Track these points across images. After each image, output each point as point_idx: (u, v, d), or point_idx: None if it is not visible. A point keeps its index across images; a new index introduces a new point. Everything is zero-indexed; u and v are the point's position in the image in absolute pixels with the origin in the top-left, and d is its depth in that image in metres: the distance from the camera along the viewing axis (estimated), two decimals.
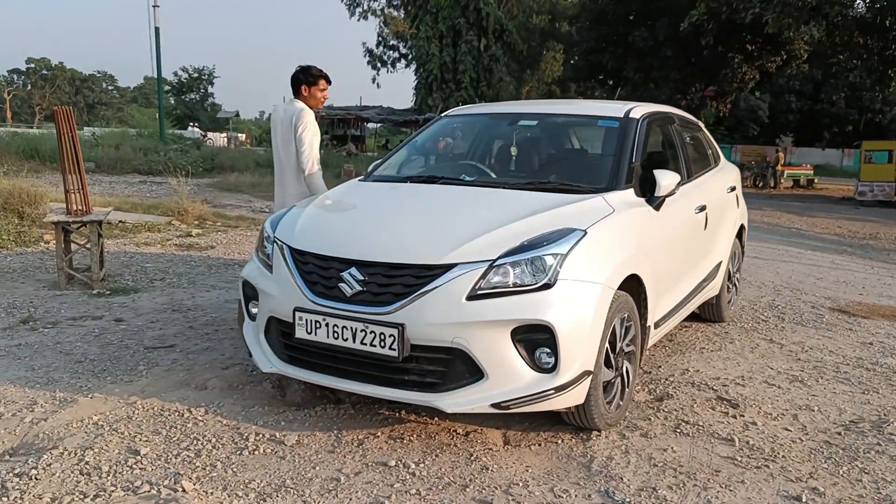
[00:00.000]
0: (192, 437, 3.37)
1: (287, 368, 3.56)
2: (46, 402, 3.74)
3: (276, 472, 3.05)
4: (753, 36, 31.74)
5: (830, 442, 3.60)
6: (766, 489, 3.07)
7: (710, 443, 3.52)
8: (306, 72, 5.09)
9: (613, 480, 3.08)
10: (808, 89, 44.77)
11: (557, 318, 3.11)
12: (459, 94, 35.48)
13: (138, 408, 3.69)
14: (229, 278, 7.16)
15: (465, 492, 2.94)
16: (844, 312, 6.47)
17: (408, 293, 3.18)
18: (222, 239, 9.74)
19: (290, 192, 4.99)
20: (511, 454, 3.32)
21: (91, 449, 3.19)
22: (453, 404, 3.16)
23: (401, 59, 53.00)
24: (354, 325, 3.24)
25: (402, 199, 4.07)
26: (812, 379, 4.52)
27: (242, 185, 18.02)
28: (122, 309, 5.78)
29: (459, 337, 3.12)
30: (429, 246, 3.30)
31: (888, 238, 14.35)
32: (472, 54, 35.73)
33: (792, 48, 32.23)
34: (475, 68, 35.92)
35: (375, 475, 3.06)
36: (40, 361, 4.42)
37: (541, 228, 3.35)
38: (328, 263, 3.40)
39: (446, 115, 5.07)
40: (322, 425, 3.56)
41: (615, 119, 4.38)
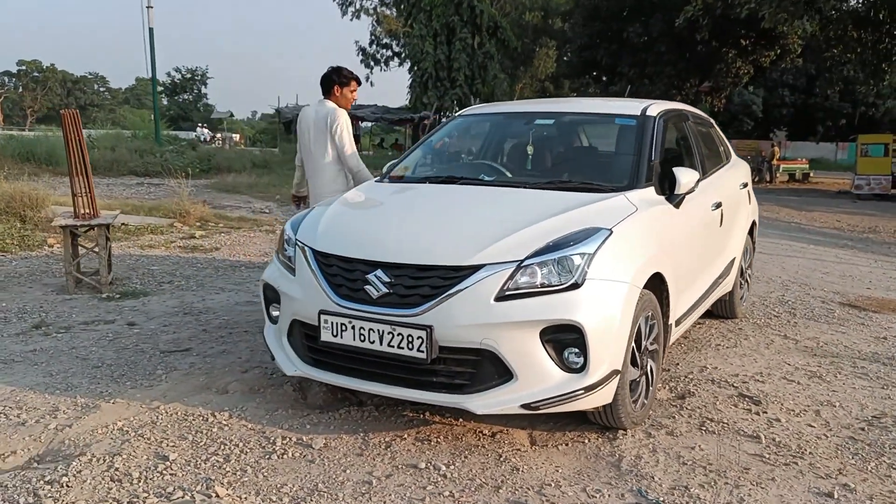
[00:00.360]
0: (219, 441, 3.36)
1: (312, 371, 3.55)
2: (68, 409, 3.72)
3: (307, 476, 3.04)
4: (747, 31, 31.81)
5: (855, 438, 3.60)
6: (797, 486, 3.07)
7: (737, 440, 3.52)
8: (338, 73, 5.19)
9: (645, 479, 3.08)
10: (802, 83, 44.85)
11: (586, 317, 3.10)
12: (454, 92, 35.46)
13: (162, 413, 3.68)
14: (237, 280, 7.14)
15: (497, 493, 2.94)
16: (855, 307, 6.48)
17: (435, 294, 3.18)
18: (226, 240, 9.71)
19: (324, 190, 5.03)
20: (539, 454, 3.31)
21: (119, 455, 3.17)
22: (483, 405, 3.16)
23: (394, 57, 52.82)
24: (381, 328, 3.23)
25: (424, 200, 4.06)
26: (830, 375, 4.53)
27: (240, 185, 17.96)
28: (133, 313, 5.76)
29: (488, 338, 3.11)
30: (456, 247, 3.29)
31: (888, 231, 14.39)
32: (467, 52, 35.68)
33: (786, 42, 32.32)
34: (470, 66, 35.87)
35: (406, 478, 3.05)
36: (57, 367, 4.39)
37: (566, 228, 3.34)
38: (353, 265, 3.38)
39: (460, 114, 5.06)
40: (348, 428, 3.55)
41: (633, 117, 4.38)
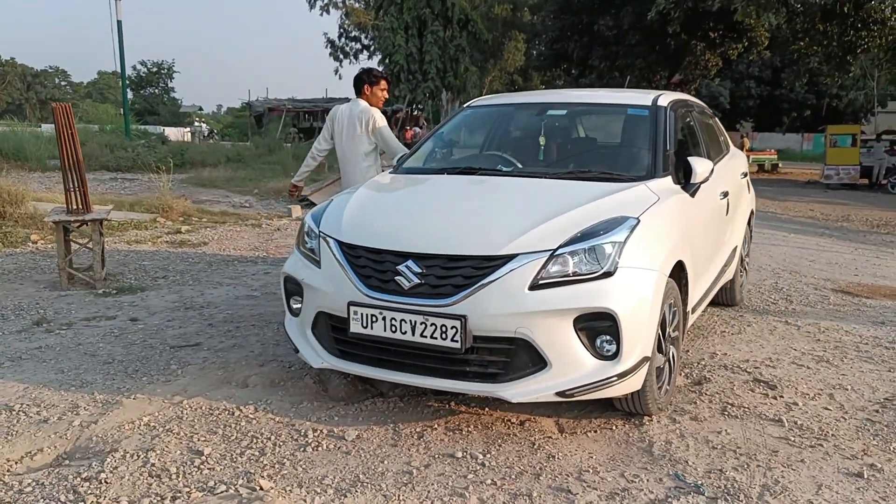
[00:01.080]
0: (249, 435, 3.33)
1: (340, 363, 3.54)
2: (88, 405, 3.67)
3: (345, 468, 3.04)
4: (716, 23, 32.18)
5: (872, 419, 3.69)
6: (827, 467, 3.14)
7: (760, 424, 3.58)
8: (369, 73, 5.63)
9: (679, 464, 3.12)
10: (768, 75, 45.52)
11: (620, 305, 3.14)
12: (426, 85, 35.41)
13: (185, 408, 3.64)
14: (233, 275, 7.07)
15: (538, 480, 2.96)
16: (847, 293, 6.62)
17: (468, 284, 3.18)
18: (213, 235, 9.60)
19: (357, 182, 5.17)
20: (570, 442, 3.34)
21: (152, 451, 3.14)
22: (518, 394, 3.18)
23: (363, 50, 52.57)
24: (414, 318, 3.23)
25: (447, 191, 4.06)
26: (837, 359, 4.63)
27: (217, 180, 17.76)
28: (133, 308, 5.69)
29: (523, 327, 3.13)
30: (487, 237, 3.30)
31: (860, 220, 14.71)
32: (438, 45, 35.62)
33: (753, 35, 32.73)
34: (441, 59, 35.83)
35: (446, 467, 3.06)
36: (67, 364, 4.33)
37: (594, 217, 3.37)
38: (382, 257, 3.37)
39: (469, 105, 5.05)
40: (376, 419, 3.55)
41: (645, 107, 4.42)
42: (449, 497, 2.81)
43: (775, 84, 45.22)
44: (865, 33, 28.22)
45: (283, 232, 10.13)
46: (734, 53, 34.57)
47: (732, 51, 34.15)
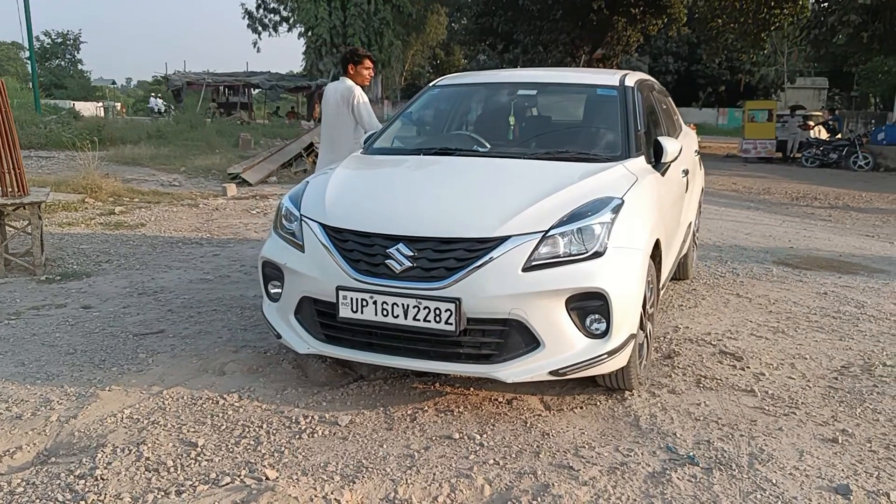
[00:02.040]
0: (240, 424, 3.28)
1: (327, 348, 3.51)
2: (62, 399, 3.53)
3: (346, 454, 3.02)
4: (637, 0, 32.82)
5: (833, 387, 3.89)
6: (804, 434, 3.30)
7: (735, 395, 3.73)
8: (352, 53, 5.92)
9: (668, 437, 3.23)
10: (684, 51, 46.79)
11: (611, 285, 3.20)
12: None
13: (166, 398, 3.54)
14: (180, 258, 6.88)
15: (539, 458, 3.01)
16: (787, 265, 6.93)
17: (461, 267, 3.19)
18: (149, 216, 9.30)
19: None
20: (559, 419, 3.41)
21: (144, 444, 3.05)
22: (512, 374, 3.22)
23: (282, 22, 51.36)
24: (406, 302, 3.22)
25: (429, 172, 4.04)
26: (791, 329, 4.85)
27: (141, 157, 17.14)
28: (82, 295, 5.47)
29: (517, 308, 3.16)
30: (479, 219, 3.31)
31: (780, 192, 15.36)
32: (362, 18, 35.21)
33: (672, 12, 33.55)
34: (365, 32, 35.43)
35: (446, 449, 3.08)
36: (26, 356, 4.14)
37: (581, 198, 3.42)
38: (371, 240, 3.34)
39: (435, 84, 5.01)
40: (365, 403, 3.54)
41: (613, 87, 4.49)
42: (455, 479, 2.84)
43: (692, 60, 46.53)
44: (778, 11, 29.27)
45: (222, 212, 9.89)
46: (654, 29, 35.38)
47: (652, 27, 34.93)
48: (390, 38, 36.17)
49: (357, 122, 5.72)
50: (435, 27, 54.18)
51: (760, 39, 30.38)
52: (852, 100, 52.92)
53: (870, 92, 54.06)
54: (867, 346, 4.53)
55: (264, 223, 9.03)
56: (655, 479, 2.85)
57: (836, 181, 17.39)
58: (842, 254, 7.74)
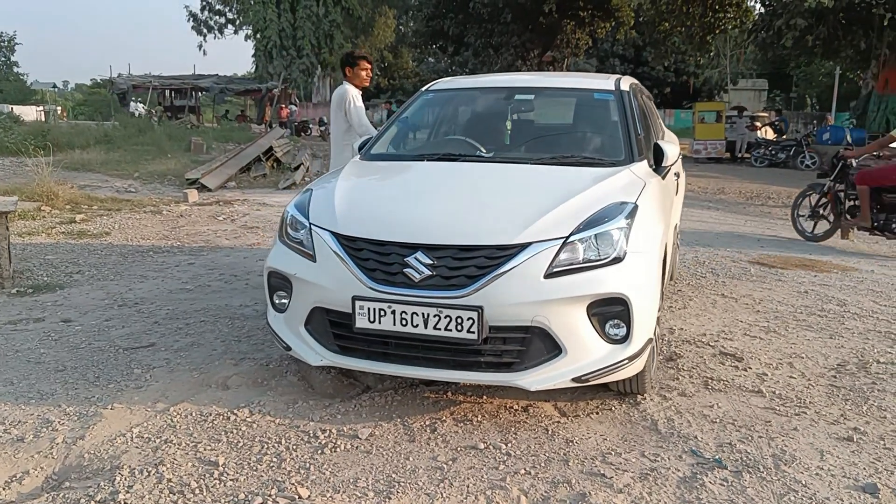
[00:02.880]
0: (257, 440, 3.18)
1: (341, 360, 3.43)
2: (63, 420, 3.38)
3: (373, 468, 2.96)
4: (585, 3, 33.23)
5: (835, 385, 3.96)
6: (818, 433, 3.35)
7: (744, 396, 3.77)
8: (349, 56, 5.98)
9: (690, 440, 3.24)
10: (631, 53, 47.57)
11: (631, 290, 3.20)
12: (301, 62, 34.68)
13: (174, 415, 3.42)
14: (154, 267, 6.69)
15: (568, 466, 2.99)
16: (763, 265, 7.06)
17: (482, 275, 3.15)
18: (112, 224, 9.03)
19: (340, 163, 5.44)
20: (578, 425, 3.39)
21: (162, 465, 2.93)
22: (535, 382, 3.19)
23: (228, 24, 50.60)
24: (426, 311, 3.16)
25: (438, 179, 3.98)
26: (782, 329, 4.93)
27: (91, 163, 16.65)
28: (59, 308, 5.28)
29: (540, 315, 3.13)
30: (499, 226, 3.27)
31: (734, 192, 15.72)
32: (312, 20, 34.90)
33: (620, 15, 34.08)
34: (315, 34, 35.12)
35: (473, 460, 3.04)
36: (12, 374, 3.97)
37: (596, 203, 3.41)
38: (387, 249, 3.28)
39: (428, 89, 4.95)
40: (380, 415, 3.47)
41: (609, 92, 4.50)
42: (491, 490, 2.80)
43: (638, 62, 47.31)
44: (722, 14, 30.00)
45: (187, 219, 9.66)
46: (602, 32, 35.90)
47: (601, 30, 35.43)
48: (340, 41, 35.91)
49: (349, 126, 5.78)
50: (383, 30, 54.00)
51: (706, 42, 31.08)
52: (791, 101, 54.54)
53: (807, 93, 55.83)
54: (858, 344, 4.63)
55: (234, 230, 8.86)
56: (688, 484, 2.86)
57: (785, 180, 17.82)
58: (811, 252, 7.93)
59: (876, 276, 6.70)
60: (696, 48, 31.38)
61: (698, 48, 31.29)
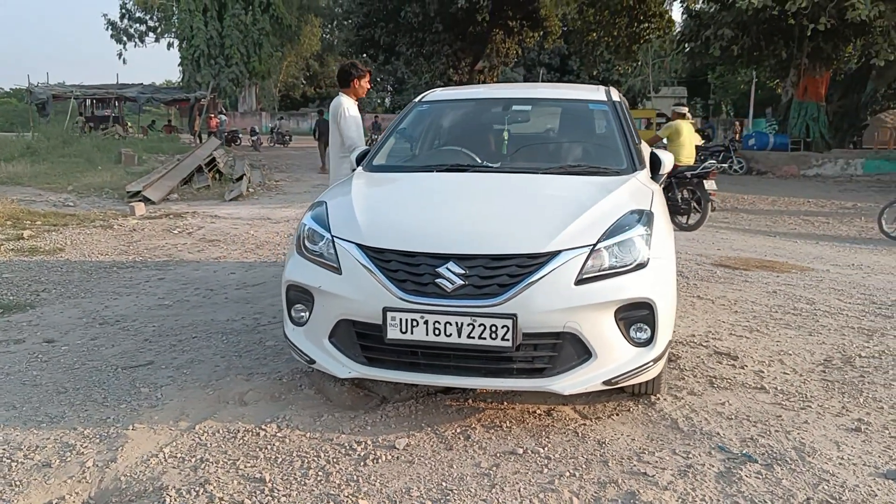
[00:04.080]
0: (294, 455, 3.15)
1: (370, 371, 3.43)
2: (85, 442, 3.28)
3: (420, 477, 2.97)
4: (515, 13, 33.80)
5: (827, 379, 4.17)
6: (828, 425, 3.53)
7: (749, 392, 3.94)
8: (355, 67, 5.90)
9: (714, 437, 3.37)
10: (556, 62, 48.51)
11: (656, 294, 3.32)
12: (230, 71, 34.06)
13: (201, 433, 3.36)
14: (123, 283, 6.51)
15: (609, 466, 3.08)
16: (726, 267, 7.35)
17: (515, 283, 3.21)
18: (63, 240, 8.72)
19: (335, 174, 5.79)
20: (603, 426, 3.49)
21: (208, 484, 2.88)
22: (568, 386, 3.26)
23: (149, 32, 49.33)
24: (460, 320, 3.20)
25: (454, 189, 4.01)
26: (763, 327, 5.16)
27: (19, 176, 15.99)
28: (36, 328, 5.09)
29: (572, 321, 3.21)
30: (528, 235, 3.34)
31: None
32: (240, 28, 34.34)
33: (548, 25, 34.78)
34: (244, 43, 34.58)
35: (516, 465, 3.09)
36: (11, 397, 3.82)
37: (616, 210, 3.52)
38: (417, 260, 3.31)
39: (421, 101, 4.98)
40: (408, 425, 3.49)
41: (603, 102, 4.64)
42: (543, 493, 2.85)
43: (564, 70, 48.27)
44: (647, 25, 30.98)
45: (141, 233, 9.40)
46: (531, 42, 36.54)
47: (529, 39, 36.06)
48: (269, 50, 35.47)
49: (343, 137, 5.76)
50: (309, 38, 53.59)
51: (632, 52, 32.06)
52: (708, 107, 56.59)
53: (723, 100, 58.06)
54: (837, 340, 4.88)
55: (194, 244, 8.67)
56: (726, 479, 2.98)
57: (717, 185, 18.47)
58: (765, 254, 8.30)
59: (832, 275, 7.06)
60: (622, 57, 32.34)
61: (625, 57, 32.26)
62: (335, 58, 69.10)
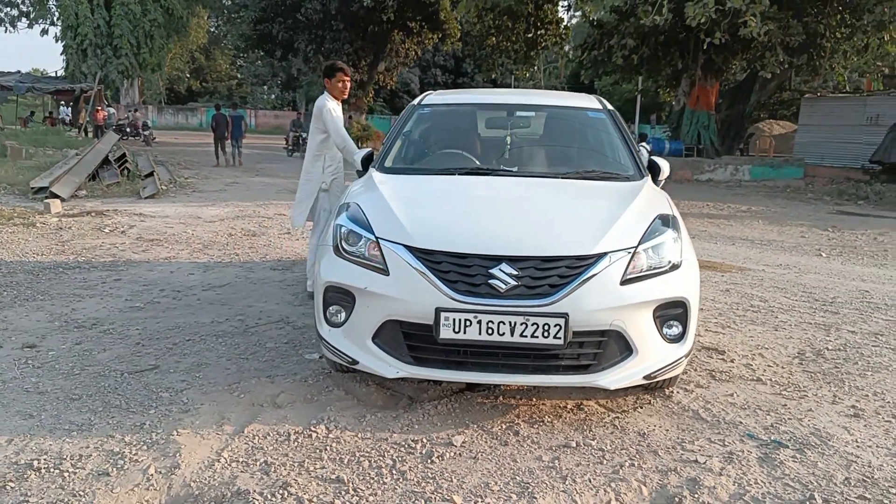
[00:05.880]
0: (357, 455, 3.17)
1: (418, 371, 3.48)
2: (133, 450, 3.16)
3: (491, 472, 3.06)
4: (415, 14, 33.95)
5: (808, 370, 4.53)
6: (830, 412, 3.85)
7: (748, 384, 4.23)
8: (328, 67, 5.98)
9: (738, 426, 3.62)
10: (451, 64, 49.08)
11: (689, 293, 3.56)
12: (120, 62, 32.56)
13: (251, 437, 3.32)
14: (79, 285, 6.22)
15: (659, 456, 3.26)
16: None
17: (565, 283, 3.35)
18: None
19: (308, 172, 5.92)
20: (635, 419, 3.68)
21: (289, 487, 2.85)
22: (614, 381, 3.43)
23: (21, 17, 46.30)
24: (513, 319, 3.31)
25: (487, 193, 4.09)
26: (732, 324, 5.52)
27: None
28: (6, 333, 4.82)
29: (618, 319, 3.39)
30: (576, 237, 3.49)
31: None
32: (129, 18, 32.88)
33: (447, 27, 35.15)
34: (133, 33, 33.14)
35: (575, 457, 3.22)
36: (21, 406, 3.63)
37: (647, 213, 3.74)
38: (469, 261, 3.39)
39: (421, 104, 5.01)
40: (452, 422, 3.56)
41: (600, 111, 4.85)
42: (614, 483, 3.00)
43: (458, 73, 48.91)
44: (543, 31, 31.88)
45: (69, 231, 8.93)
46: (430, 43, 36.79)
47: (428, 40, 36.30)
48: (161, 42, 34.13)
49: (323, 135, 5.80)
50: (195, 30, 51.85)
51: (530, 57, 32.91)
52: None
53: None
54: (801, 335, 5.30)
55: (133, 243, 8.33)
56: (769, 463, 3.22)
57: None
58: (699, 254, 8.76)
59: (769, 275, 7.61)
60: (520, 62, 33.12)
61: (523, 62, 33.05)
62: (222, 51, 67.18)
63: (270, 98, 65.35)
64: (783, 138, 29.23)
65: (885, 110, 20.37)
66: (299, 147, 26.10)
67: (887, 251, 9.76)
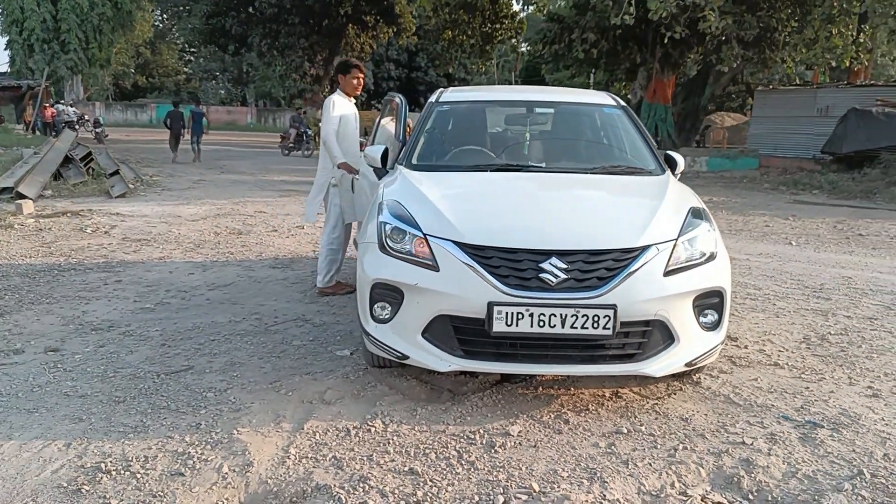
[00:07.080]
0: (421, 447, 3.24)
1: (470, 363, 3.57)
2: (199, 449, 3.18)
3: (555, 460, 3.16)
4: (370, 8, 33.81)
5: (818, 355, 4.74)
6: (850, 393, 4.05)
7: (769, 369, 4.41)
8: (343, 63, 6.03)
9: (771, 408, 3.79)
10: (404, 59, 49.00)
11: (725, 283, 3.72)
12: (68, 58, 31.75)
13: (312, 434, 3.36)
14: (80, 287, 6.13)
15: (707, 439, 3.41)
16: None
17: (613, 276, 3.47)
18: None
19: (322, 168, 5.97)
20: (672, 405, 3.82)
21: (368, 480, 2.92)
22: (660, 369, 3.57)
23: None
24: (564, 312, 3.42)
25: (526, 188, 4.18)
26: (735, 312, 5.68)
27: None
28: (22, 337, 4.76)
29: (662, 310, 3.52)
30: (621, 231, 3.61)
31: None
32: (76, 12, 32.08)
33: (403, 21, 35.08)
34: (81, 28, 32.35)
35: (630, 443, 3.34)
36: (65, 410, 3.61)
37: (681, 206, 3.88)
38: (519, 256, 3.48)
39: (439, 101, 5.04)
40: (500, 413, 3.65)
41: (614, 107, 4.98)
42: (674, 466, 3.13)
43: (412, 67, 48.86)
44: (499, 26, 32.08)
45: (51, 233, 8.75)
46: (385, 37, 36.69)
47: (384, 34, 36.20)
48: (110, 36, 33.37)
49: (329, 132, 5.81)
50: (141, 24, 50.80)
51: (486, 51, 33.10)
52: None
53: None
54: (801, 321, 5.53)
55: (121, 244, 8.20)
56: (810, 442, 3.40)
57: None
58: None
59: (754, 263, 7.88)
60: (477, 56, 33.29)
61: (479, 56, 33.23)
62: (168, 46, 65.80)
63: (219, 94, 64.28)
64: (735, 129, 29.95)
65: (835, 102, 21.03)
66: (301, 145, 25.56)
67: (849, 239, 10.11)
